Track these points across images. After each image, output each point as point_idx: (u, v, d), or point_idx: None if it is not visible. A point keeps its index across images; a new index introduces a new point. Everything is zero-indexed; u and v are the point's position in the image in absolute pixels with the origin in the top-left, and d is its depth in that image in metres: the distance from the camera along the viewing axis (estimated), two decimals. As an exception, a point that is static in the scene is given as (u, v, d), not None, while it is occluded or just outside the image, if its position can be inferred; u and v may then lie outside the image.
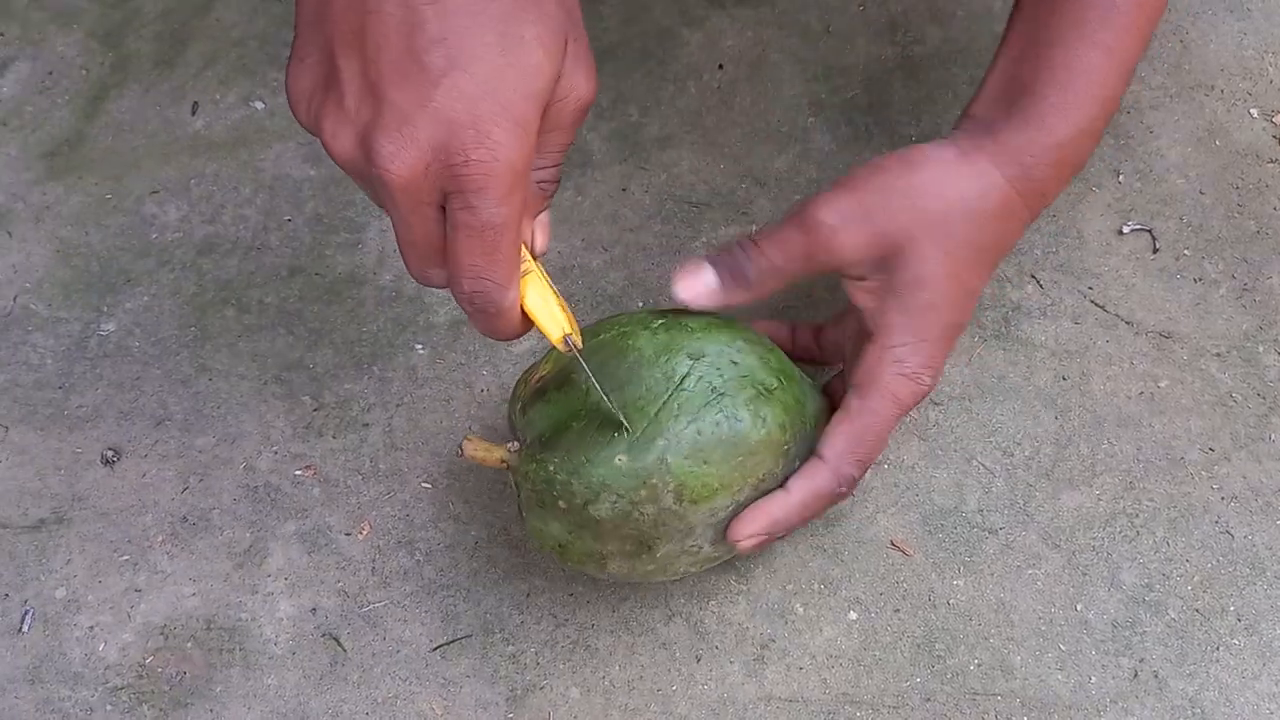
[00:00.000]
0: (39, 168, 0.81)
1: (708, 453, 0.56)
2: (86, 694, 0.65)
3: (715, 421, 0.56)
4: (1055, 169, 0.60)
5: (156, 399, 0.73)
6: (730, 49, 0.83)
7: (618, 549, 0.57)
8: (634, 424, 0.56)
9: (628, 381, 0.57)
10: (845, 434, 0.60)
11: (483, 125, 0.46)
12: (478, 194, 0.47)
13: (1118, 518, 0.68)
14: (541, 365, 0.60)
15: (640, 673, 0.65)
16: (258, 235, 0.78)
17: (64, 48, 0.85)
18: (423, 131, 0.46)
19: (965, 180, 0.59)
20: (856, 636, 0.65)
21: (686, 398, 0.56)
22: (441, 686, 0.65)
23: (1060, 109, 0.59)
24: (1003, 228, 0.60)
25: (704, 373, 0.57)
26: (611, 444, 0.56)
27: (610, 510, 0.56)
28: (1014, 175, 0.59)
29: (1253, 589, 0.66)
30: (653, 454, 0.55)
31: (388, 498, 0.70)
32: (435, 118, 0.46)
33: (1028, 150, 0.59)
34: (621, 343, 0.58)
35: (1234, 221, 0.76)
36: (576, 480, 0.56)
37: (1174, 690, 0.64)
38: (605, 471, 0.55)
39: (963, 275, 0.59)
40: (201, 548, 0.69)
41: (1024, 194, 0.60)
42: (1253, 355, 0.72)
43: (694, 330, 0.59)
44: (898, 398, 0.60)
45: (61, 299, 0.76)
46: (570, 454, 0.56)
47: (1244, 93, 0.80)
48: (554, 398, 0.58)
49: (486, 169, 0.47)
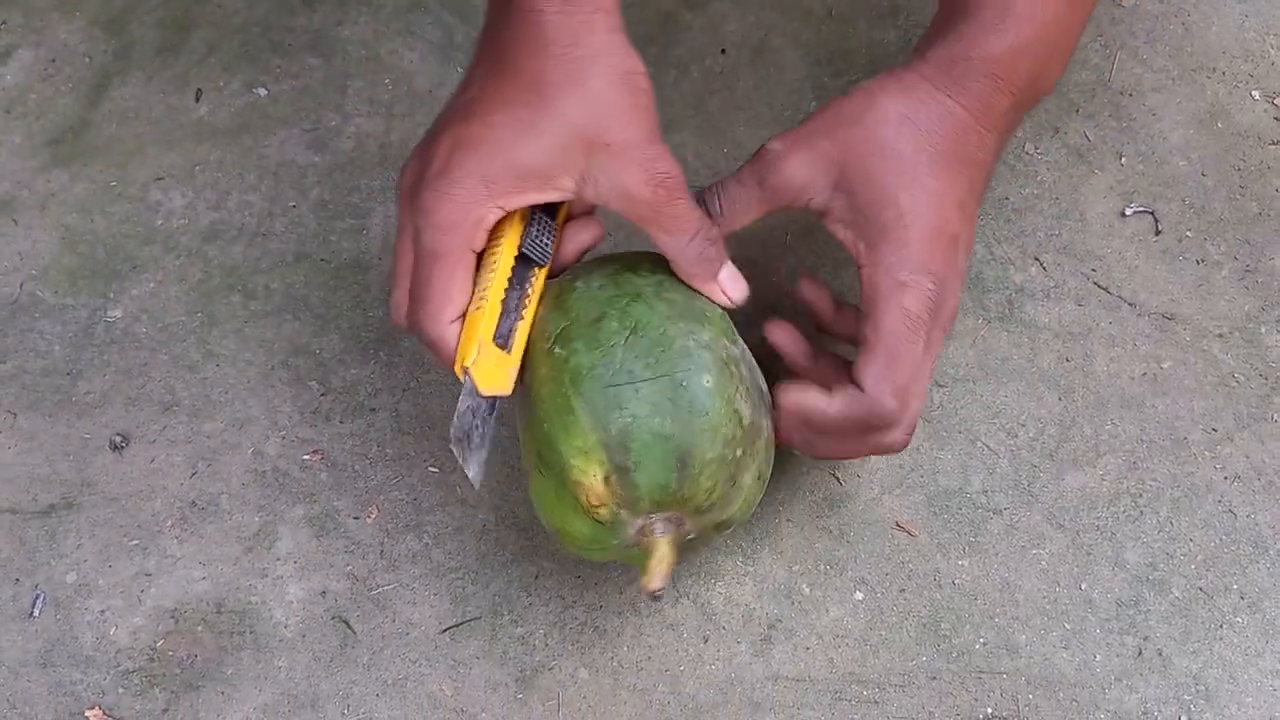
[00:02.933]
0: (43, 155, 0.81)
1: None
2: (98, 677, 0.66)
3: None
4: (990, 80, 0.62)
5: (164, 385, 0.73)
6: (733, 33, 0.83)
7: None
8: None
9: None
10: (870, 361, 0.60)
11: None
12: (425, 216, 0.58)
13: (1121, 497, 0.68)
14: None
15: (648, 653, 0.65)
16: (263, 221, 0.78)
17: (67, 35, 0.85)
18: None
19: (900, 97, 0.62)
20: (863, 616, 0.66)
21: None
22: (451, 668, 0.65)
23: (992, 26, 0.62)
24: (950, 134, 0.62)
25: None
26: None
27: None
28: (947, 86, 0.62)
29: (1255, 567, 0.67)
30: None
31: (395, 482, 0.70)
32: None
33: (957, 63, 0.62)
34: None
35: (1236, 203, 0.76)
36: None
37: (1178, 668, 0.64)
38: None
39: (923, 181, 0.61)
40: (211, 532, 0.69)
41: (966, 106, 0.62)
42: (1255, 336, 0.72)
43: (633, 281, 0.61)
44: (905, 309, 0.60)
45: (68, 286, 0.76)
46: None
47: (1246, 75, 0.80)
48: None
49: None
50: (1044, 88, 0.65)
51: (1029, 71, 0.63)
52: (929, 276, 0.60)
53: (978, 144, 0.62)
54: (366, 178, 0.79)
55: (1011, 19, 0.62)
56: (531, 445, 0.59)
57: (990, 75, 0.62)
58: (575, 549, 0.60)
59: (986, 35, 0.62)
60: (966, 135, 0.62)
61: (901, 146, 0.61)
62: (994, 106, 0.62)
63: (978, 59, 0.62)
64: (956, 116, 0.62)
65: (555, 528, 0.60)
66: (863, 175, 0.61)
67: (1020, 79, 0.63)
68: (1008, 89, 0.62)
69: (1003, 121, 0.63)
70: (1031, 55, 0.62)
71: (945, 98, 0.62)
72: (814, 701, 0.64)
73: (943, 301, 0.61)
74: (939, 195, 0.61)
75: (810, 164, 0.62)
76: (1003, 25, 0.62)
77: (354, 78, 0.82)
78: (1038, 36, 0.62)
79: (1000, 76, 0.62)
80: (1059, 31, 0.63)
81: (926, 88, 0.62)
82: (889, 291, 0.60)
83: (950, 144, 0.62)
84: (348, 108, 0.82)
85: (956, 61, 0.62)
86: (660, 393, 0.57)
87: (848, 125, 0.62)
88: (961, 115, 0.62)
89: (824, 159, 0.62)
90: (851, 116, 0.62)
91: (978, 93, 0.62)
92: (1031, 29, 0.62)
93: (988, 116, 0.62)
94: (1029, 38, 0.62)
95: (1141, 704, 0.63)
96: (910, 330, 0.60)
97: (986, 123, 0.62)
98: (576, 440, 0.57)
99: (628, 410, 0.56)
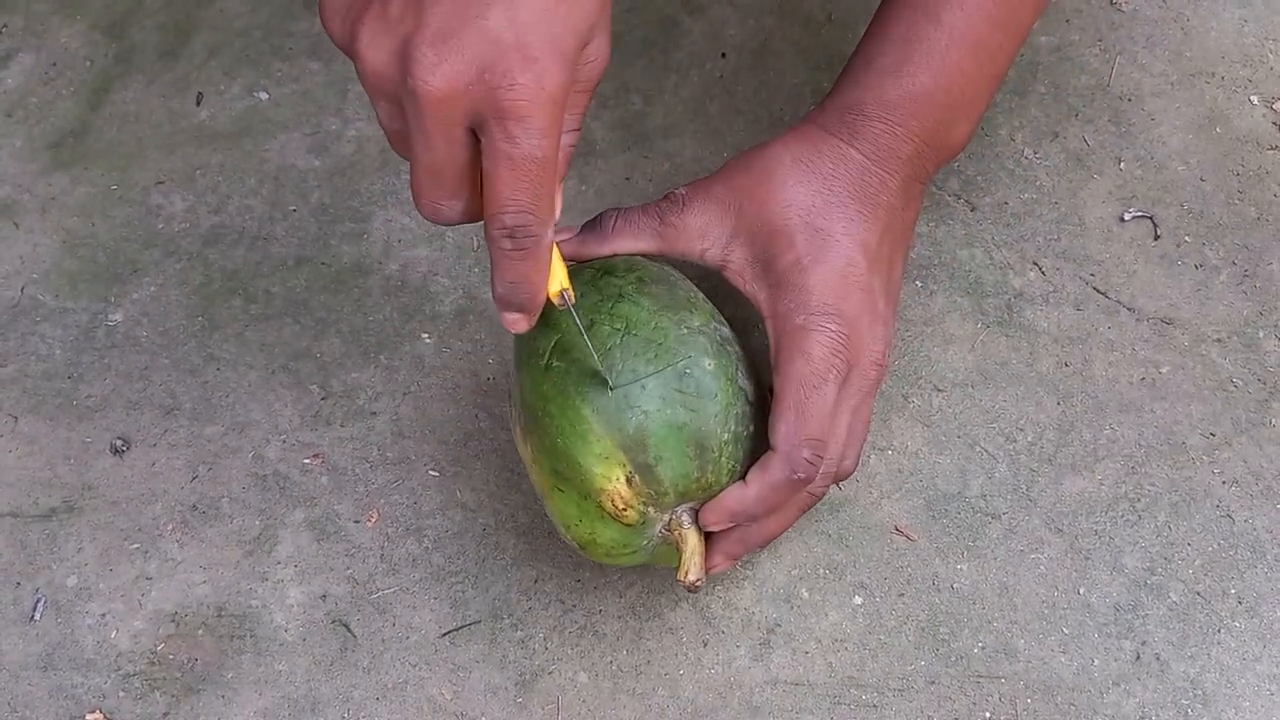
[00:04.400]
0: (44, 159, 0.81)
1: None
2: (99, 681, 0.66)
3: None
4: (885, 124, 0.62)
5: (165, 388, 0.73)
6: (733, 37, 0.83)
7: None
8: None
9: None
10: (781, 416, 0.58)
11: (531, 51, 0.45)
12: (521, 122, 0.46)
13: (1120, 502, 0.69)
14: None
15: (648, 657, 0.66)
16: (263, 225, 0.78)
17: (67, 39, 0.85)
18: (468, 46, 0.45)
19: (795, 145, 0.62)
20: (861, 621, 0.66)
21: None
22: (451, 672, 0.66)
23: (888, 73, 0.62)
24: (848, 178, 0.62)
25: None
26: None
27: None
28: (841, 131, 0.62)
29: (1253, 572, 0.67)
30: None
31: (396, 485, 0.70)
32: (483, 34, 0.45)
33: (852, 109, 0.62)
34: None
35: (1234, 208, 0.76)
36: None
37: (1176, 672, 0.64)
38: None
39: (821, 224, 0.61)
40: (211, 536, 0.69)
41: (861, 150, 0.62)
42: (1253, 341, 0.73)
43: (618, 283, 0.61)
44: (806, 353, 0.58)
45: (69, 289, 0.77)
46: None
47: (1245, 80, 0.80)
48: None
49: (532, 96, 0.46)
50: (953, 140, 0.64)
51: (931, 119, 0.62)
52: (832, 319, 0.59)
53: (879, 186, 0.62)
54: (367, 182, 0.79)
55: (909, 66, 0.62)
56: (545, 465, 0.59)
57: (885, 120, 0.62)
58: (605, 558, 0.60)
59: (882, 81, 0.62)
60: (865, 177, 0.62)
61: (798, 192, 0.61)
62: (893, 150, 0.62)
63: (872, 104, 0.62)
64: (852, 160, 0.62)
65: (582, 542, 0.60)
66: (759, 222, 0.61)
67: (920, 126, 0.62)
68: (906, 135, 0.62)
69: (905, 168, 0.63)
70: (931, 103, 0.62)
71: (840, 142, 0.62)
72: (813, 706, 0.64)
73: (856, 345, 0.59)
74: (839, 236, 0.61)
75: (707, 211, 0.62)
76: (899, 72, 0.62)
77: (354, 82, 0.82)
78: (937, 85, 0.62)
79: (897, 122, 0.62)
80: (963, 82, 0.63)
81: (821, 134, 0.62)
82: (790, 338, 0.59)
83: (849, 186, 0.61)
84: (348, 112, 0.82)
85: (852, 108, 0.62)
86: (666, 384, 0.57)
87: (744, 173, 0.62)
88: (858, 159, 0.62)
89: (721, 207, 0.62)
90: (749, 166, 0.62)
91: (872, 136, 0.62)
92: (930, 78, 0.62)
93: (887, 161, 0.62)
94: (927, 86, 0.62)
95: (1139, 709, 0.64)
96: (816, 376, 0.58)
97: (887, 167, 0.62)
98: (595, 447, 0.57)
99: (639, 408, 0.57)
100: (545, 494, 0.60)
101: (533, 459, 0.60)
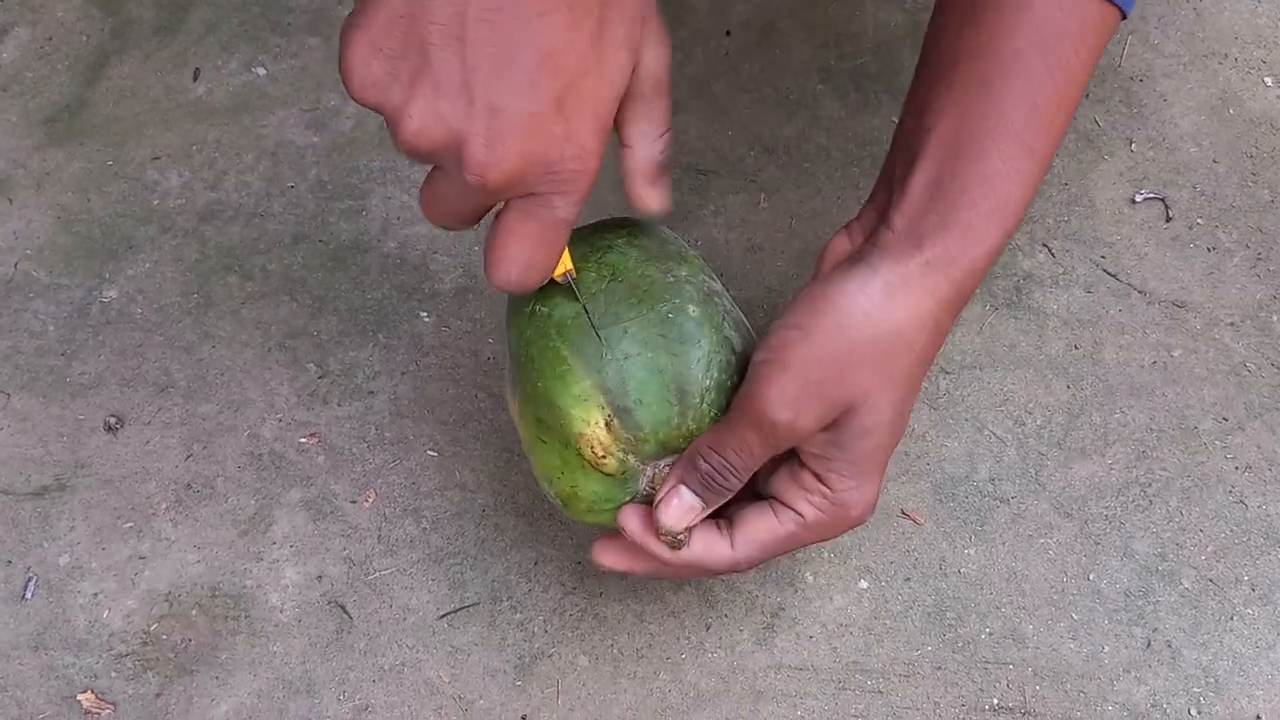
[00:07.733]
0: (39, 134, 0.80)
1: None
2: (91, 661, 0.65)
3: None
4: (983, 276, 0.57)
5: (159, 366, 0.72)
6: (738, 15, 0.82)
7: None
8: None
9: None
10: (762, 545, 0.57)
11: (577, 136, 0.48)
12: (563, 195, 0.49)
13: (1130, 487, 0.67)
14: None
15: (649, 641, 0.64)
16: (260, 202, 0.77)
17: (64, 13, 0.84)
18: (519, 143, 0.47)
19: (899, 317, 0.55)
20: (867, 605, 0.65)
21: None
22: (449, 654, 0.64)
23: (990, 216, 0.55)
24: (934, 347, 0.57)
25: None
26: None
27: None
28: (946, 296, 0.55)
29: (1266, 559, 0.66)
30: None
31: (393, 465, 0.69)
32: (533, 129, 0.47)
33: (959, 265, 0.55)
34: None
35: (1247, 190, 0.75)
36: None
37: (1187, 660, 0.63)
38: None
39: (903, 406, 0.57)
40: (206, 515, 0.68)
41: (953, 309, 0.56)
42: (1266, 324, 0.71)
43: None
44: (825, 529, 0.58)
45: (63, 266, 0.75)
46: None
47: (1258, 61, 0.79)
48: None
49: (575, 178, 0.48)
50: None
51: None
52: (867, 508, 0.57)
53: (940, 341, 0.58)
54: (365, 158, 0.78)
55: (1002, 199, 0.55)
56: (529, 414, 0.58)
57: (985, 272, 0.56)
58: (588, 515, 0.59)
59: (986, 226, 0.55)
60: (942, 340, 0.57)
61: (898, 380, 0.55)
62: (969, 298, 0.57)
63: (978, 257, 0.55)
64: (945, 329, 0.56)
65: (564, 496, 0.58)
66: (861, 415, 0.55)
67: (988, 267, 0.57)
68: (974, 288, 0.57)
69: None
70: (1004, 244, 0.57)
71: (944, 313, 0.56)
72: (817, 691, 0.63)
73: (849, 525, 0.58)
74: (909, 414, 0.57)
75: (820, 418, 0.55)
76: (995, 211, 0.55)
77: (354, 57, 0.81)
78: (1022, 217, 0.57)
79: (989, 269, 0.57)
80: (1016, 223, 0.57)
81: (930, 305, 0.55)
82: (828, 518, 0.57)
83: (932, 355, 0.57)
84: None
85: (956, 263, 0.55)
86: (649, 327, 0.56)
87: (851, 371, 0.55)
88: (949, 324, 0.57)
89: (831, 408, 0.55)
90: (854, 355, 0.55)
91: (969, 292, 0.56)
92: (1019, 213, 0.56)
93: (962, 307, 0.57)
94: (1017, 219, 0.56)
95: (1150, 696, 0.62)
96: (795, 541, 0.57)
97: (953, 319, 0.57)
98: (573, 389, 0.56)
99: (619, 349, 0.56)
100: (530, 449, 0.59)
101: (519, 413, 0.59)
